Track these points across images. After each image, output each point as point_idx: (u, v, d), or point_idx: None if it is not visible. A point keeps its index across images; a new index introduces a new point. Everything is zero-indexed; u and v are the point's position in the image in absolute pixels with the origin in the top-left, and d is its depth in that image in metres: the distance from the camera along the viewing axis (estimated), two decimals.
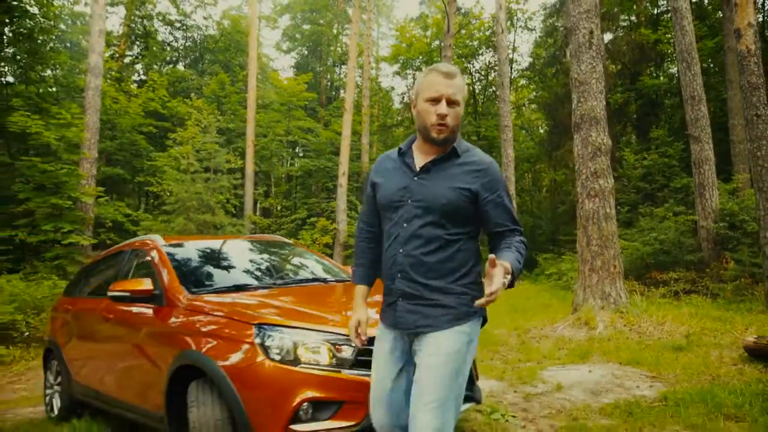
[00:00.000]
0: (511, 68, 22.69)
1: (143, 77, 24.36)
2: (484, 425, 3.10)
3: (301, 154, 24.22)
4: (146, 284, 2.81)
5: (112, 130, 17.53)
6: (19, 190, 12.26)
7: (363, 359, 2.20)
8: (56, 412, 3.89)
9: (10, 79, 14.85)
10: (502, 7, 16.03)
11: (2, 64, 14.88)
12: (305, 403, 2.11)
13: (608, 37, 18.29)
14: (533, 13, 25.34)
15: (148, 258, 3.22)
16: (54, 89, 16.04)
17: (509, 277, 1.50)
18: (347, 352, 2.23)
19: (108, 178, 17.05)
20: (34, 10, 13.15)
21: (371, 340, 1.94)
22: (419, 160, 1.78)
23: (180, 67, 25.52)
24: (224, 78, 21.60)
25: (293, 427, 2.09)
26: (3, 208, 12.41)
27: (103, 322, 3.28)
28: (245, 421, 2.13)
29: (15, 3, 12.67)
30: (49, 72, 16.78)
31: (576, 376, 4.12)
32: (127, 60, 23.71)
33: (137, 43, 24.50)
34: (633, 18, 19.28)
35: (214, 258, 3.43)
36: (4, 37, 14.05)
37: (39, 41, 13.96)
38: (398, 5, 51.43)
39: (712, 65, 16.37)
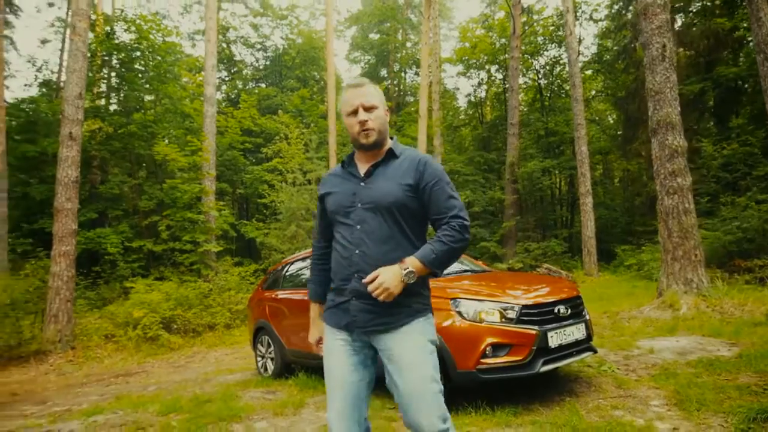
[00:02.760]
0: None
1: (221, 95, 26.91)
2: (597, 374, 4.21)
3: None
4: None
5: None
6: (145, 207, 14.53)
7: (523, 319, 3.40)
8: (270, 372, 5.40)
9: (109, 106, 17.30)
10: (570, 9, 16.55)
11: (115, 94, 17.42)
12: (489, 346, 3.34)
13: (679, 22, 18.12)
14: (598, 5, 25.28)
15: None
16: (151, 110, 18.16)
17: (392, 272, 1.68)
18: (511, 314, 3.44)
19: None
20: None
21: (542, 305, 3.16)
22: (362, 167, 1.92)
23: (262, 85, 27.86)
24: (305, 93, 23.50)
25: (483, 360, 3.33)
26: (131, 221, 14.72)
27: None
28: (451, 360, 3.39)
29: (121, 42, 14.91)
30: (152, 97, 19.12)
31: (665, 344, 5.09)
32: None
33: (223, 65, 27.05)
34: (707, 1, 18.85)
35: None
36: (115, 71, 16.51)
37: (149, 74, 16.23)
38: (457, 7, 52.07)
39: None
